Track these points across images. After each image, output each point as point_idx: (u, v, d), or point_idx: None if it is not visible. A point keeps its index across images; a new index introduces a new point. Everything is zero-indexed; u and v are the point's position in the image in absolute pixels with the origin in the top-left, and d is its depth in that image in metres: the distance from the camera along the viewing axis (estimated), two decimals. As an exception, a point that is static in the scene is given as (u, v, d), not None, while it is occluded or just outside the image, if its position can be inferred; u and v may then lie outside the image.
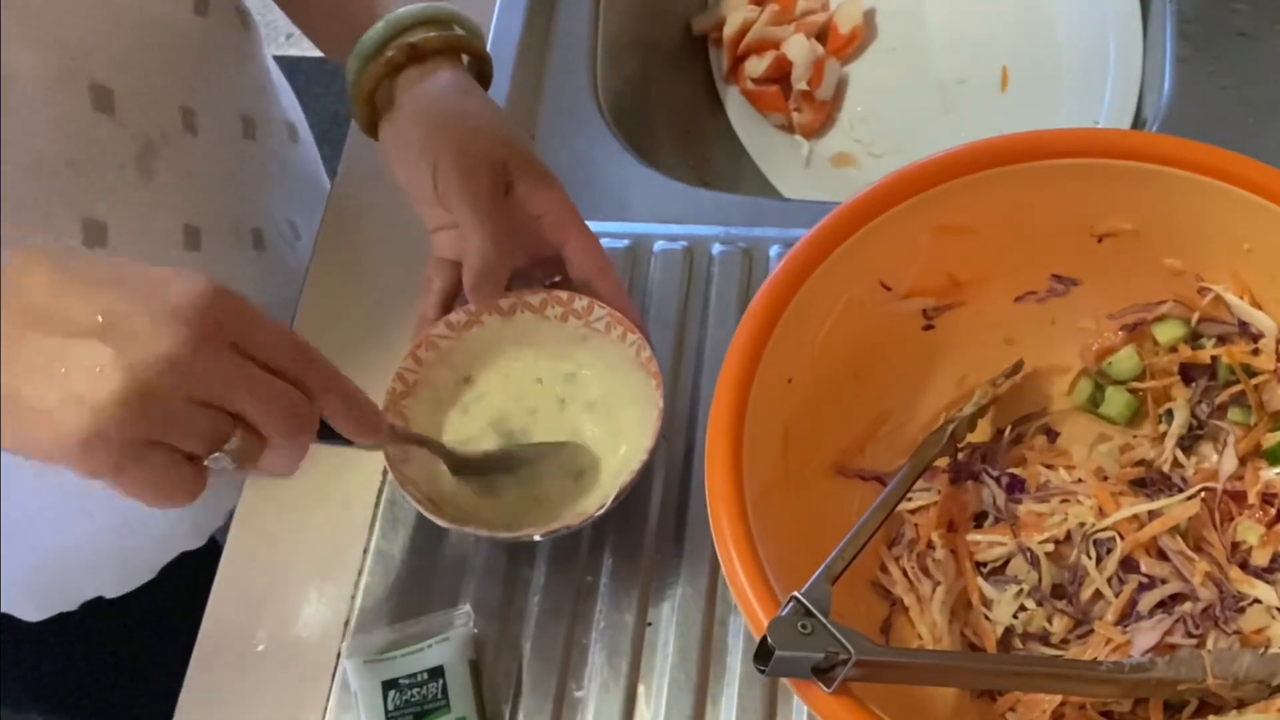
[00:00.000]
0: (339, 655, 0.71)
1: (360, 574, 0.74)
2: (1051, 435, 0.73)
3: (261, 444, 0.54)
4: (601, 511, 0.68)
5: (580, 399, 0.75)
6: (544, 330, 0.75)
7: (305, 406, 0.54)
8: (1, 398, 0.50)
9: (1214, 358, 0.70)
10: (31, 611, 0.87)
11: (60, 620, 0.88)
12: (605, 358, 0.74)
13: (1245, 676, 0.61)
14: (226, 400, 0.52)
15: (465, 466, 0.71)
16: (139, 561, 0.88)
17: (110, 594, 0.88)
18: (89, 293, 0.50)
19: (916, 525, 0.70)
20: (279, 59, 0.87)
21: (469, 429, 0.74)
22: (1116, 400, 0.72)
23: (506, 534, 0.69)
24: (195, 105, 0.78)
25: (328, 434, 0.58)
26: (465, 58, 0.76)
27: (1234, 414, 0.70)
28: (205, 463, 0.53)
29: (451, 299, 0.76)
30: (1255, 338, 0.69)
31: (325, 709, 0.70)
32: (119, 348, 0.49)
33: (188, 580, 0.76)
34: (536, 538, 0.68)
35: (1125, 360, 0.72)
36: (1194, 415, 0.71)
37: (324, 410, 0.56)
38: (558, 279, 0.76)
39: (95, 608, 0.88)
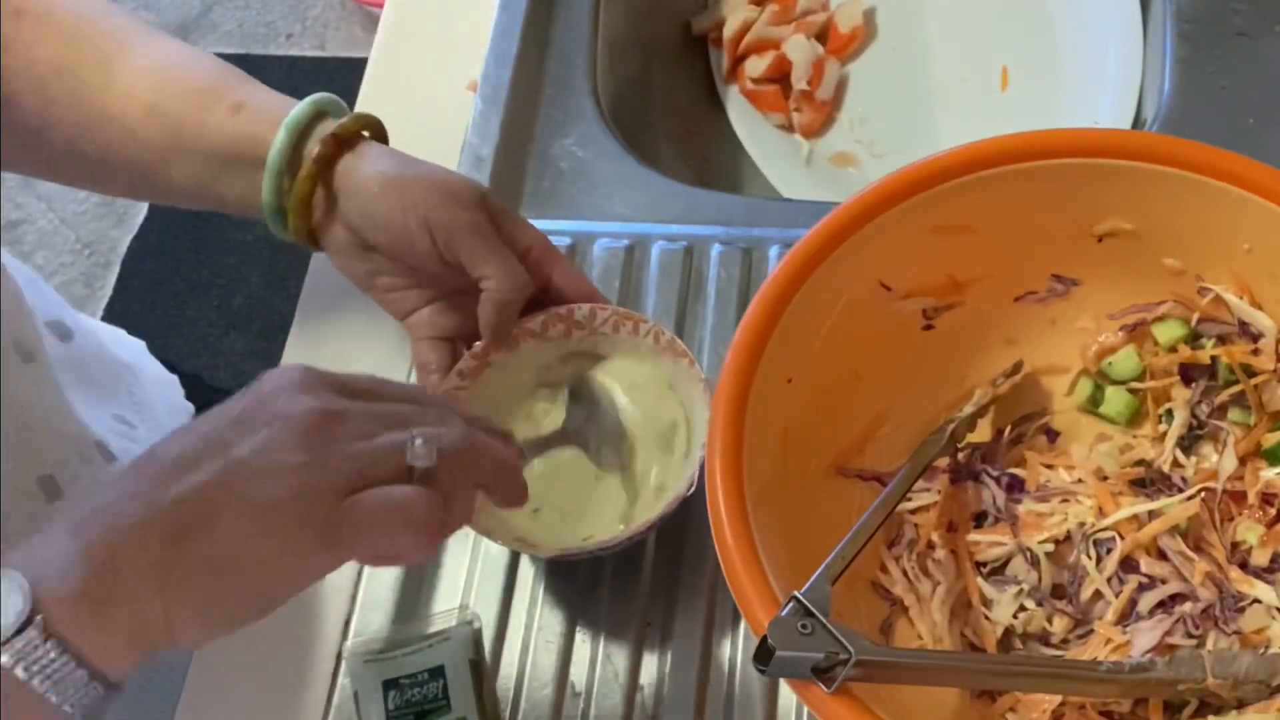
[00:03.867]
0: (339, 655, 0.71)
1: (360, 574, 0.74)
2: (1051, 435, 0.73)
3: (443, 437, 0.54)
4: (690, 490, 0.67)
5: (617, 398, 0.74)
6: (552, 351, 0.74)
7: (450, 405, 0.57)
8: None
9: (1214, 358, 0.70)
10: None
11: None
12: (625, 354, 0.74)
13: (1245, 676, 0.61)
14: (383, 425, 0.53)
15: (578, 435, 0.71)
16: None
17: None
18: (190, 432, 0.52)
19: (916, 525, 0.70)
20: (279, 59, 0.87)
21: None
22: (1116, 400, 0.72)
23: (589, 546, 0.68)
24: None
25: None
26: (366, 134, 0.73)
27: (1234, 414, 0.70)
28: (408, 463, 0.53)
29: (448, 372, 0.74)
30: (1255, 338, 0.69)
31: (325, 709, 0.70)
32: (266, 439, 0.51)
33: None
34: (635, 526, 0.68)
35: (1125, 360, 0.72)
36: (1194, 415, 0.71)
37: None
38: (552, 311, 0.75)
39: None
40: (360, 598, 0.73)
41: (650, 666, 0.70)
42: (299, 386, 0.53)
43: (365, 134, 0.72)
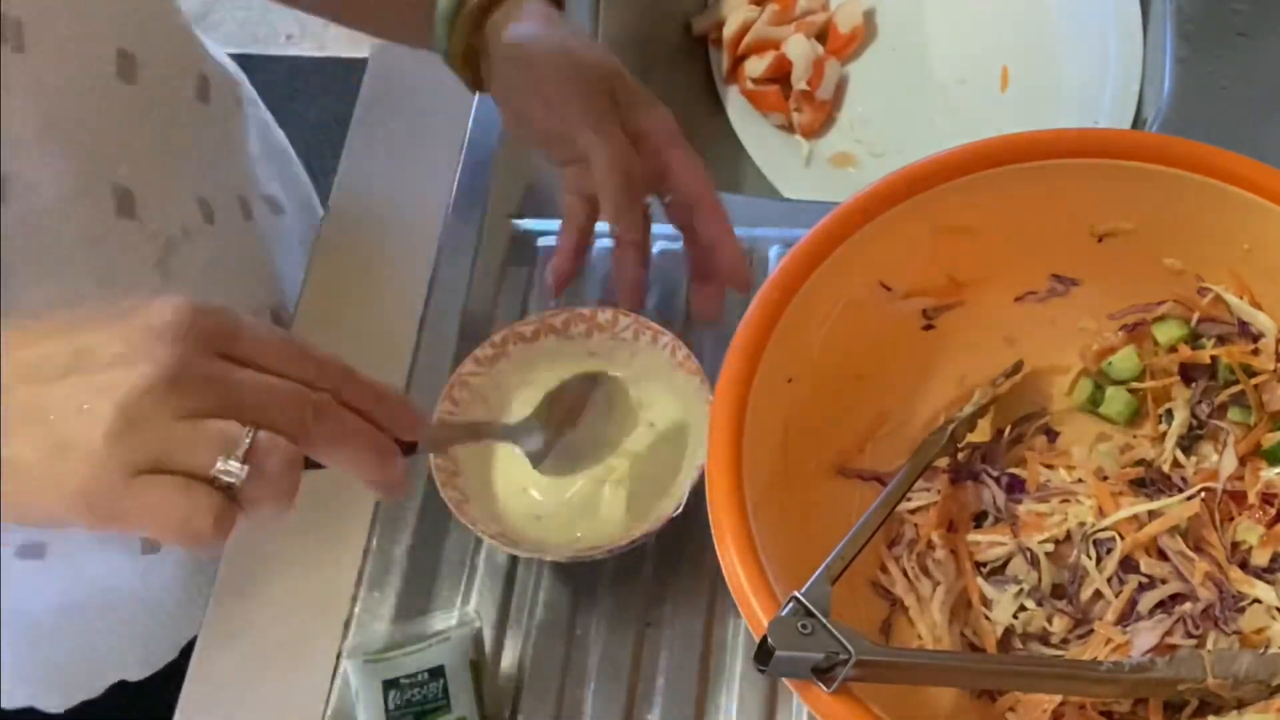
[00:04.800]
0: (339, 655, 0.71)
1: (360, 574, 0.74)
2: (1051, 435, 0.73)
3: (279, 446, 0.49)
4: (677, 510, 0.68)
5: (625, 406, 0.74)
6: (571, 349, 0.74)
7: (308, 395, 0.50)
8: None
9: (1214, 358, 0.70)
10: (56, 703, 0.85)
11: (85, 707, 0.86)
12: (640, 364, 0.74)
13: (1245, 676, 0.61)
14: (223, 408, 0.48)
15: (528, 437, 0.69)
16: (161, 642, 0.86)
17: (134, 677, 0.86)
18: (60, 334, 0.48)
19: (916, 525, 0.70)
20: (279, 59, 0.87)
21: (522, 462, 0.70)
22: (1116, 400, 0.72)
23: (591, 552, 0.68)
24: (208, 195, 0.78)
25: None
26: None
27: (1234, 414, 0.70)
28: (214, 473, 0.48)
29: (589, 233, 0.77)
30: (1255, 338, 0.69)
31: (325, 709, 0.70)
32: (98, 382, 0.47)
33: None
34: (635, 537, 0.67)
35: (1125, 360, 0.72)
36: (1194, 415, 0.71)
37: (346, 407, 0.52)
38: (668, 198, 0.76)
39: (120, 691, 0.86)
40: (360, 598, 0.73)
41: (650, 666, 0.70)
42: (170, 331, 0.48)
43: None
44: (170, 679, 0.82)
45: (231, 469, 0.48)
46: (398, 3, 0.76)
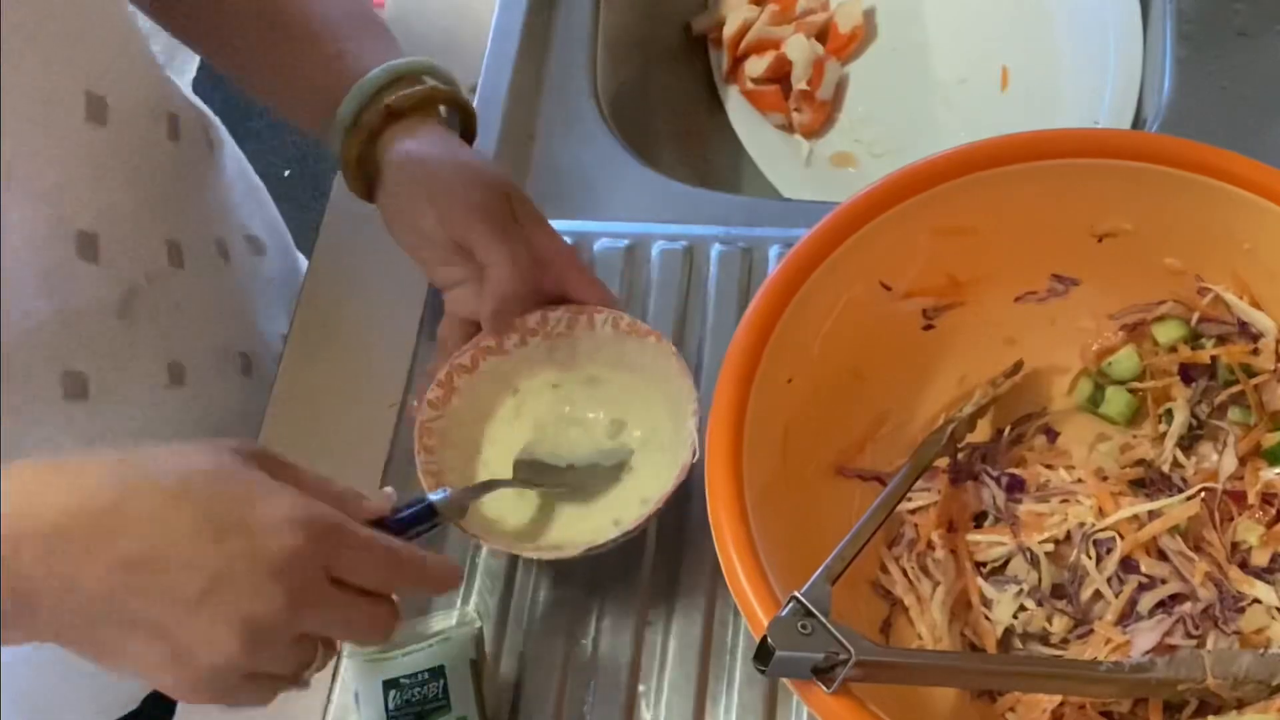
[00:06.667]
0: (339, 654, 0.71)
1: (360, 574, 0.74)
2: (1051, 435, 0.73)
3: (334, 651, 0.59)
4: (640, 522, 0.67)
5: (605, 408, 0.74)
6: (511, 364, 0.74)
7: (388, 618, 0.58)
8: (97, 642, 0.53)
9: (1214, 358, 0.70)
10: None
11: None
12: (590, 348, 0.73)
13: (1245, 676, 0.61)
14: (322, 633, 0.56)
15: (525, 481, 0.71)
16: (117, 691, 0.86)
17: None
18: (194, 548, 0.52)
19: (916, 525, 0.70)
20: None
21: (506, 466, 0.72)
22: (1116, 400, 0.72)
23: (559, 553, 0.68)
24: (179, 237, 0.77)
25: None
26: (443, 109, 0.74)
27: (1234, 414, 0.70)
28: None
29: None
30: (1255, 338, 0.69)
31: (325, 709, 0.70)
32: (227, 613, 0.52)
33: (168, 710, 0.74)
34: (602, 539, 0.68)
35: (1125, 360, 0.72)
36: (1194, 415, 0.71)
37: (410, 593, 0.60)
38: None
39: None
40: (360, 598, 0.73)
41: (650, 666, 0.70)
42: (293, 561, 0.53)
43: (422, 109, 0.73)
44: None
45: (304, 679, 0.57)
46: (300, 98, 0.75)
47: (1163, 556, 0.66)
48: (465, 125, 0.76)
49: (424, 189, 0.70)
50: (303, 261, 0.97)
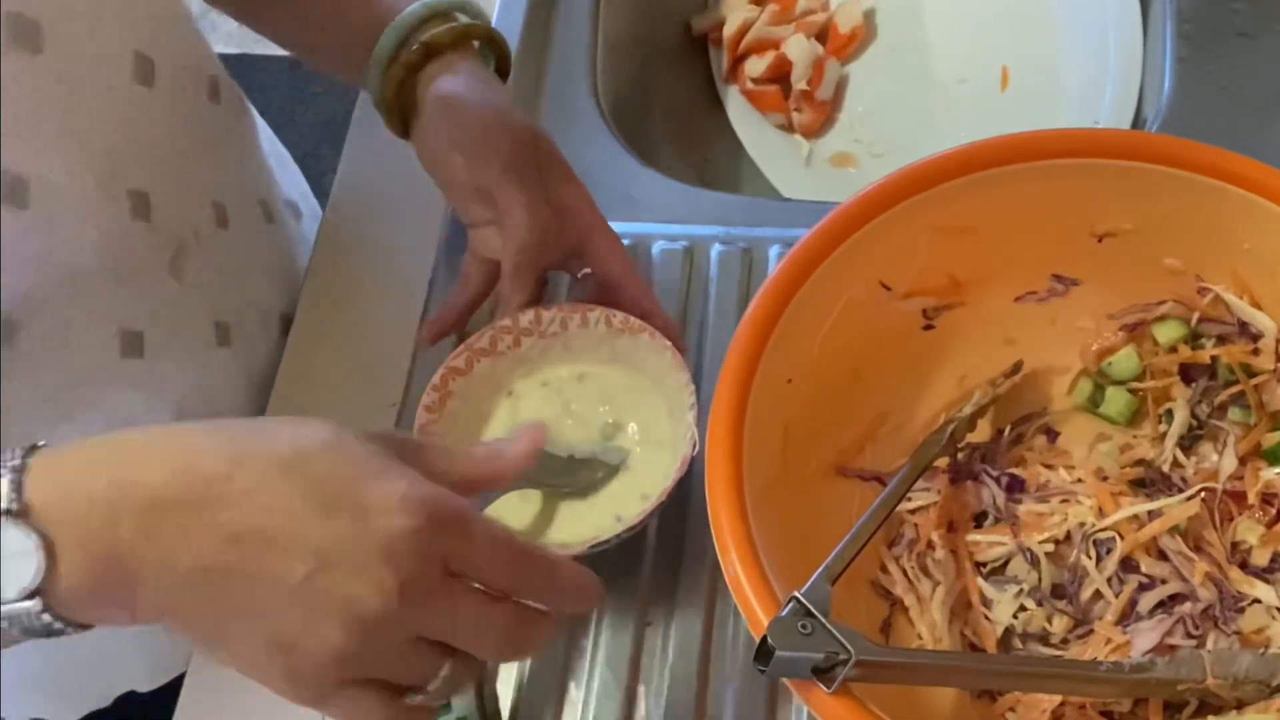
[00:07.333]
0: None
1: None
2: (1051, 435, 0.73)
3: (471, 670, 0.51)
4: (639, 520, 0.67)
5: (602, 405, 0.74)
6: (505, 365, 0.74)
7: (520, 629, 0.51)
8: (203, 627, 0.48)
9: (1214, 358, 0.70)
10: (65, 713, 0.85)
11: (93, 717, 0.86)
12: (580, 348, 0.74)
13: (1245, 676, 0.61)
14: (441, 635, 0.50)
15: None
16: (170, 653, 0.85)
17: (143, 688, 0.86)
18: (301, 525, 0.47)
19: (916, 525, 0.70)
20: (278, 59, 0.87)
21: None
22: (1116, 400, 0.72)
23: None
24: (223, 198, 0.78)
25: None
26: (476, 44, 0.76)
27: (1234, 414, 0.70)
28: (411, 693, 0.50)
29: (482, 298, 0.76)
30: (1255, 338, 0.69)
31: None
32: (334, 599, 0.47)
33: None
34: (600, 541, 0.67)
35: (1125, 360, 0.72)
36: (1194, 415, 0.71)
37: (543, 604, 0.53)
38: (587, 270, 0.75)
39: (128, 701, 0.86)
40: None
41: (650, 666, 0.70)
42: (409, 544, 0.48)
43: (458, 45, 0.73)
44: (179, 690, 0.83)
45: (429, 693, 0.50)
46: (338, 42, 0.76)
47: (1163, 556, 0.66)
48: (499, 61, 0.77)
49: (454, 134, 0.71)
50: None
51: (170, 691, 0.84)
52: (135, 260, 0.70)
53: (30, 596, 0.45)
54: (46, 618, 0.46)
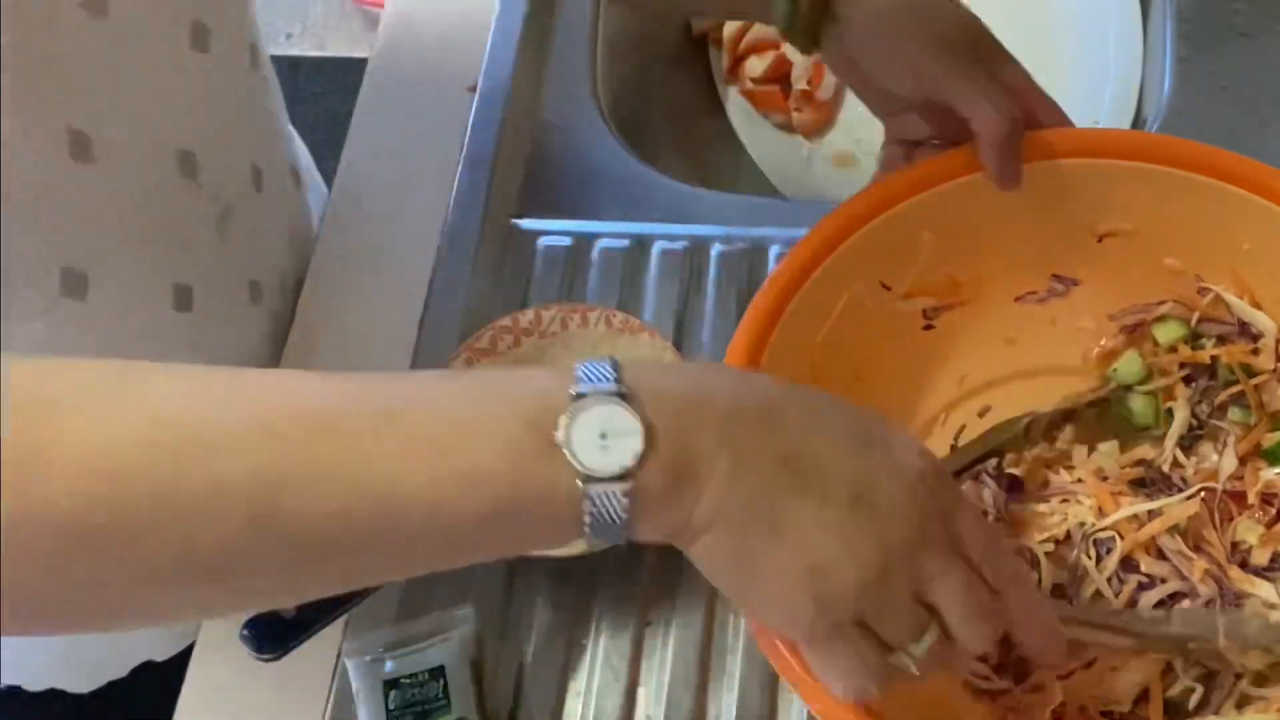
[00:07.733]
0: (339, 655, 0.71)
1: (360, 574, 0.74)
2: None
3: (944, 647, 0.51)
4: None
5: None
6: (534, 352, 0.74)
7: (994, 607, 0.51)
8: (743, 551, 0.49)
9: (1214, 358, 0.70)
10: (82, 683, 0.85)
11: (110, 688, 0.86)
12: (582, 348, 0.74)
13: (1254, 641, 0.61)
14: (933, 591, 0.50)
15: None
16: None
17: (160, 657, 0.86)
18: (845, 455, 0.49)
19: (917, 525, 0.70)
20: (277, 59, 0.87)
21: None
22: (1139, 403, 0.72)
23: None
24: (259, 162, 0.79)
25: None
26: None
27: (1234, 414, 0.70)
28: (896, 652, 0.50)
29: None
30: (1255, 338, 0.69)
31: (325, 709, 0.70)
32: (866, 530, 0.48)
33: None
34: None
35: (1129, 364, 0.72)
36: (1194, 415, 0.71)
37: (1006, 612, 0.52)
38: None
39: (145, 671, 0.86)
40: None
41: (650, 666, 0.70)
42: (921, 497, 0.49)
43: None
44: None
45: (913, 655, 0.50)
46: None
47: (1162, 556, 0.66)
48: None
49: (901, 35, 0.69)
50: None
51: (185, 659, 0.85)
52: (185, 217, 0.72)
53: (621, 478, 0.46)
54: (625, 502, 0.46)
